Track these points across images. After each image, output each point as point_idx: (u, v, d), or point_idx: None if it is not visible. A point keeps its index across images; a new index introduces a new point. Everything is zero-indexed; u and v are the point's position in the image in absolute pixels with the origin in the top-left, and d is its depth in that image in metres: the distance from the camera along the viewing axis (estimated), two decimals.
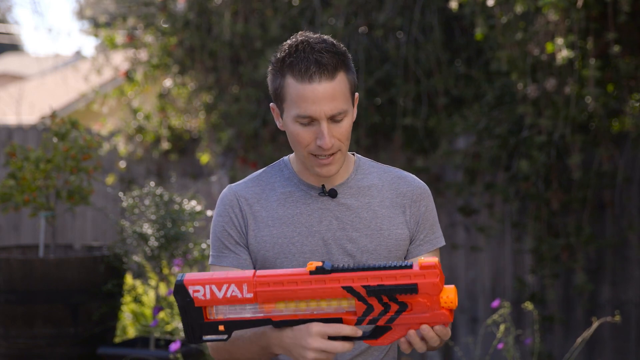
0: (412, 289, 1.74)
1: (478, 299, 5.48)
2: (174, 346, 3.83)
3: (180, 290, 1.80)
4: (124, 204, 4.66)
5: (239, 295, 1.78)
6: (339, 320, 1.80)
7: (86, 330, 4.50)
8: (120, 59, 7.43)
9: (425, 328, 1.77)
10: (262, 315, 1.81)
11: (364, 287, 1.75)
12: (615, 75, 4.68)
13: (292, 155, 2.15)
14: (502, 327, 3.72)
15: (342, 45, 2.02)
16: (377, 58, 5.66)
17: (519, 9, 4.62)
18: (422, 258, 1.75)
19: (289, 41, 2.01)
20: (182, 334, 4.41)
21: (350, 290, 1.76)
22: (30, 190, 4.55)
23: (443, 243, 2.16)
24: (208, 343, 2.02)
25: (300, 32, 2.03)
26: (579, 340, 3.93)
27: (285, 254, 2.05)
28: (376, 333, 1.80)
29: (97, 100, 7.44)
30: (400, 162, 5.62)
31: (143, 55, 6.84)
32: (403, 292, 1.74)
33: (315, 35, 2.01)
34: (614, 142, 4.86)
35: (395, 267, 1.74)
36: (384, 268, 1.75)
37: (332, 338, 1.81)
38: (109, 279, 4.55)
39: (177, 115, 6.96)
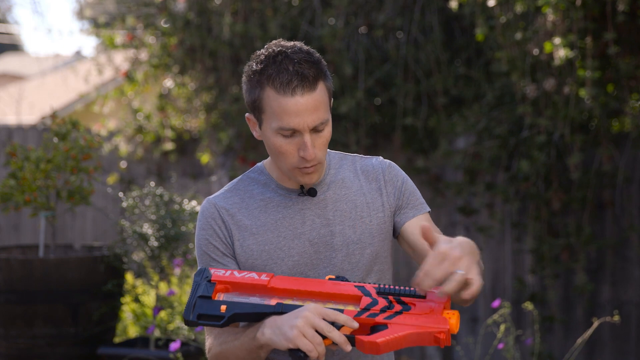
0: (421, 295, 1.79)
1: (478, 299, 5.48)
2: (174, 345, 3.83)
3: (203, 272, 1.91)
4: (124, 204, 4.66)
5: (255, 277, 1.88)
6: (340, 311, 1.83)
7: (86, 330, 4.50)
8: (120, 59, 7.43)
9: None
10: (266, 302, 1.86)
11: (375, 288, 1.82)
12: (615, 75, 4.68)
13: (267, 161, 2.15)
14: (502, 327, 3.72)
15: (316, 52, 2.01)
16: (377, 58, 5.66)
17: (519, 8, 4.62)
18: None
19: (264, 51, 2.00)
20: (182, 334, 4.41)
21: (361, 288, 1.82)
22: (30, 190, 4.55)
23: (428, 209, 2.17)
24: (209, 357, 2.02)
25: (274, 42, 2.02)
26: (579, 340, 3.93)
27: (274, 260, 2.05)
28: (371, 330, 1.81)
29: (97, 101, 7.44)
30: (400, 162, 5.62)
31: (143, 55, 6.84)
32: (411, 297, 1.79)
33: (290, 44, 1.99)
34: (614, 142, 4.86)
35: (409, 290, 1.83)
36: (400, 287, 1.84)
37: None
38: (109, 279, 4.55)
39: (177, 115, 6.97)
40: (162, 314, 4.62)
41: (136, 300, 4.88)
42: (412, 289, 1.80)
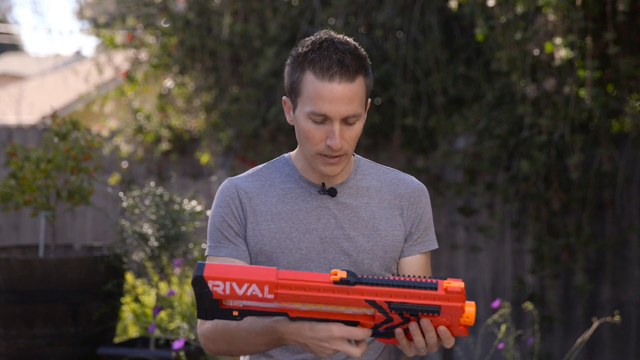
0: (435, 310, 1.74)
1: (478, 299, 5.48)
2: (178, 344, 3.82)
3: (199, 282, 1.78)
4: (124, 204, 4.66)
5: (260, 295, 1.77)
6: (356, 323, 1.81)
7: (86, 330, 4.50)
8: (120, 59, 7.43)
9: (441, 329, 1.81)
10: (279, 307, 1.81)
11: (387, 302, 1.75)
12: (615, 75, 4.68)
13: (293, 153, 2.16)
14: (503, 327, 3.72)
15: (362, 49, 2.03)
16: (376, 58, 5.66)
17: (519, 9, 4.62)
18: (449, 281, 1.74)
19: (312, 37, 2.02)
20: (183, 334, 4.41)
21: (373, 303, 1.76)
22: (30, 190, 4.55)
23: (436, 246, 2.18)
24: (202, 333, 2.03)
25: (324, 30, 2.04)
26: (579, 340, 3.93)
27: (282, 249, 2.06)
28: (390, 333, 1.82)
29: (97, 101, 7.44)
30: (400, 162, 5.62)
31: (143, 55, 6.84)
32: (425, 312, 1.75)
33: (339, 36, 2.02)
34: (614, 142, 4.86)
35: (420, 287, 1.74)
36: (409, 286, 1.74)
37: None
38: (109, 279, 4.55)
39: (177, 115, 6.97)
40: (162, 314, 4.62)
41: (136, 300, 4.88)
42: (424, 280, 1.74)
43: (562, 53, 4.39)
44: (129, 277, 4.91)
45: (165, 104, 6.89)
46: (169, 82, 6.80)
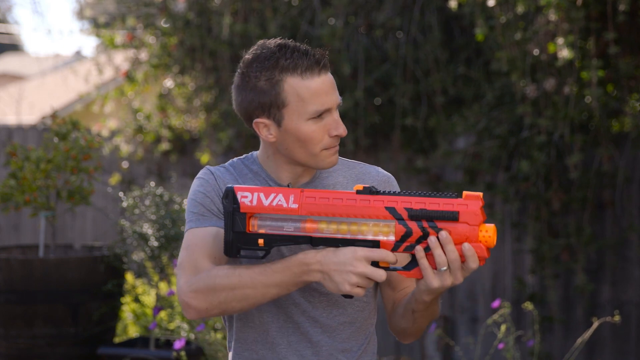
0: (454, 216, 1.80)
1: (478, 299, 5.48)
2: (179, 344, 3.82)
3: (229, 194, 1.90)
4: (124, 204, 4.67)
5: (284, 205, 1.87)
6: (377, 244, 1.85)
7: (86, 330, 4.50)
8: (120, 59, 7.43)
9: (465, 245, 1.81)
10: (302, 233, 1.87)
11: (407, 209, 1.82)
12: (615, 75, 4.68)
13: (259, 155, 2.12)
14: (503, 327, 3.72)
15: None
16: (376, 58, 5.66)
17: (519, 9, 4.62)
18: (466, 192, 1.82)
19: (257, 52, 1.99)
20: (183, 333, 4.42)
21: (392, 211, 1.83)
22: (30, 190, 4.55)
23: None
24: (194, 286, 1.94)
25: (260, 43, 2.01)
26: (579, 340, 3.93)
27: None
28: (410, 265, 1.86)
29: (97, 101, 7.44)
30: (400, 162, 5.62)
31: (143, 55, 6.84)
32: (444, 219, 1.81)
33: (279, 39, 2.02)
34: (614, 142, 4.86)
35: (439, 196, 1.82)
36: (429, 195, 1.83)
37: (373, 264, 1.86)
38: (109, 279, 4.56)
39: (177, 115, 6.97)
40: (162, 314, 4.62)
41: (136, 300, 4.88)
42: (443, 194, 1.82)
43: (565, 53, 4.39)
44: (129, 277, 4.91)
45: (165, 104, 6.89)
46: (169, 82, 6.80)
